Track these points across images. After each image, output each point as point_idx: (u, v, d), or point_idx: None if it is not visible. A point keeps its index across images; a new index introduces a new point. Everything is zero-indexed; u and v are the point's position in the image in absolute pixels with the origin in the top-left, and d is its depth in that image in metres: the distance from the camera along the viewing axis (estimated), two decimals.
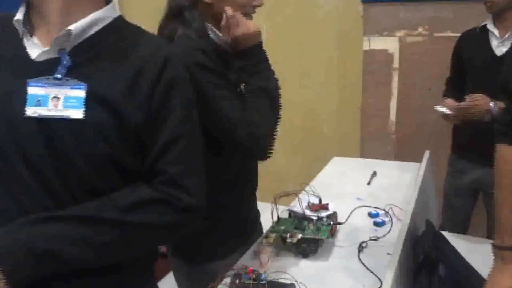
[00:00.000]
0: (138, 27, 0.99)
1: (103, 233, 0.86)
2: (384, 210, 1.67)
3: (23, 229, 0.84)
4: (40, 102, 0.86)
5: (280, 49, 2.96)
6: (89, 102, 0.86)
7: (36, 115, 0.85)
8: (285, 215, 1.54)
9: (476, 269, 1.42)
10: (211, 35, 1.30)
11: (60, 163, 0.87)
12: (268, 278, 1.15)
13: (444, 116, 2.11)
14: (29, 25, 0.91)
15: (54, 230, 0.84)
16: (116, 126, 0.88)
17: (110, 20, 0.95)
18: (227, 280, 1.19)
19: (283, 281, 1.16)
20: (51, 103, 0.86)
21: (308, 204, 1.68)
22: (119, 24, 0.96)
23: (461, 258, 1.53)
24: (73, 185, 0.88)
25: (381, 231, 1.55)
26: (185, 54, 1.14)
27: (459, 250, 1.49)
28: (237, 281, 1.15)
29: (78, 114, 0.86)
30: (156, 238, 0.97)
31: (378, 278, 1.26)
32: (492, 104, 1.89)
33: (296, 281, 1.17)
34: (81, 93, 0.86)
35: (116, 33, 0.94)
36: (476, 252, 1.68)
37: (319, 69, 3.07)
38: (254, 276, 1.14)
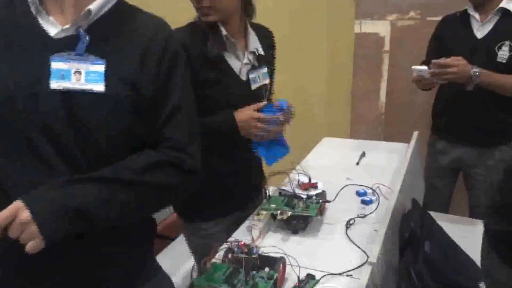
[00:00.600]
0: (137, 8, 1.05)
1: (123, 193, 0.92)
2: (371, 188, 1.72)
3: (54, 190, 0.88)
4: (63, 76, 0.90)
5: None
6: (107, 77, 0.92)
7: (60, 88, 0.89)
8: (276, 194, 1.59)
9: (474, 250, 1.47)
10: None
11: (81, 135, 0.91)
12: (260, 252, 1.20)
13: (418, 78, 2.04)
14: (42, 4, 0.94)
15: (82, 190, 0.89)
16: (132, 99, 0.94)
17: (115, 0, 1.00)
18: (221, 254, 1.24)
19: (273, 255, 1.21)
20: (73, 77, 0.90)
21: (298, 183, 1.74)
22: (122, 4, 1.02)
23: (446, 236, 1.58)
24: (91, 156, 0.93)
25: (368, 209, 1.60)
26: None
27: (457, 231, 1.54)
28: (229, 255, 1.19)
29: (99, 87, 0.91)
30: (166, 198, 1.04)
31: (365, 253, 1.31)
32: (474, 69, 1.92)
33: (286, 255, 1.21)
34: (101, 68, 0.91)
35: (122, 12, 1.00)
36: (458, 230, 1.75)
37: (310, 52, 3.09)
38: (246, 250, 1.18)
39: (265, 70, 1.60)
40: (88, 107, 0.91)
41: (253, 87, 1.55)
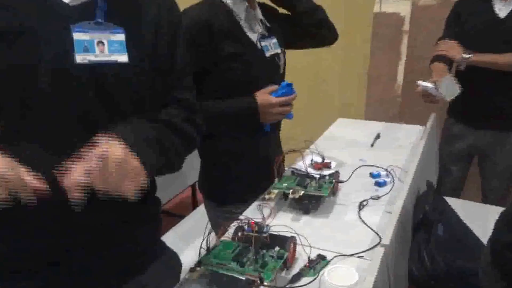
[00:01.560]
0: None
1: (173, 135, 0.98)
2: (386, 170, 1.70)
3: (126, 126, 0.87)
4: (88, 48, 0.84)
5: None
6: (128, 47, 0.89)
7: (86, 61, 0.84)
8: (288, 173, 1.57)
9: (485, 234, 1.44)
10: None
11: (108, 107, 0.88)
12: (270, 231, 1.18)
13: (424, 93, 1.99)
14: None
15: (149, 126, 0.93)
16: (152, 68, 0.93)
17: None
18: (231, 232, 1.22)
19: (284, 234, 1.19)
20: (97, 49, 0.85)
21: (311, 162, 1.71)
22: None
23: (459, 219, 1.56)
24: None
25: (382, 191, 1.57)
26: None
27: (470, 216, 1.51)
28: (239, 233, 1.18)
29: (123, 58, 0.88)
30: (191, 149, 1.10)
31: (378, 235, 1.29)
32: (465, 55, 1.89)
33: (297, 234, 1.20)
34: (122, 37, 0.88)
35: None
36: (471, 216, 1.71)
37: None
38: (256, 229, 1.16)
39: (275, 40, 1.60)
40: (114, 79, 0.87)
41: (267, 54, 1.55)
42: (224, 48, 1.44)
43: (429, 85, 1.90)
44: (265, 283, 0.99)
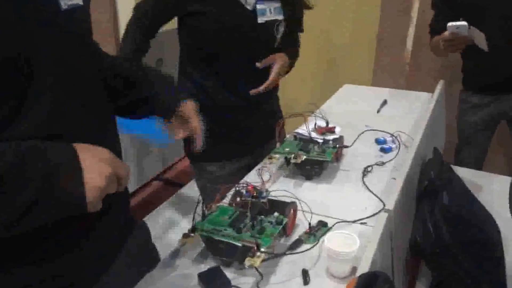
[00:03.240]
0: None
1: None
2: (392, 135, 1.64)
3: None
4: None
5: None
6: None
7: (66, 6, 0.75)
8: (290, 138, 1.52)
9: (490, 204, 1.39)
10: None
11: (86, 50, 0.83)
12: (270, 197, 1.14)
13: (453, 37, 1.82)
14: None
15: None
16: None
17: None
18: (229, 197, 1.18)
19: (284, 200, 1.15)
20: None
21: (315, 126, 1.66)
22: None
23: (465, 188, 1.51)
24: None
25: (387, 157, 1.53)
26: None
27: (475, 186, 1.46)
28: (237, 198, 1.14)
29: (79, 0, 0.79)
30: None
31: (381, 201, 1.25)
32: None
33: (298, 200, 1.16)
34: None
35: None
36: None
37: None
38: (255, 194, 1.12)
39: (278, 4, 1.50)
40: (84, 20, 0.83)
41: (260, 20, 1.46)
42: (193, 5, 1.40)
43: (461, 23, 1.77)
44: (262, 250, 0.95)
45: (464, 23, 1.75)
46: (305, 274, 0.98)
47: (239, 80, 1.52)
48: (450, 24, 1.78)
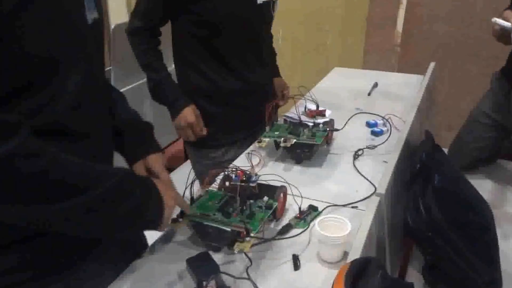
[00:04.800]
0: None
1: None
2: (384, 118, 1.62)
3: None
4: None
5: None
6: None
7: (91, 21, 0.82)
8: (280, 122, 1.49)
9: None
10: None
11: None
12: (259, 181, 1.11)
13: (500, 33, 1.63)
14: None
15: None
16: None
17: None
18: (218, 181, 1.16)
19: (274, 184, 1.12)
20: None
21: (305, 109, 1.63)
22: None
23: (456, 170, 1.51)
24: None
25: (378, 140, 1.51)
26: None
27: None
28: (226, 183, 1.11)
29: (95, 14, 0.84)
30: None
31: (372, 184, 1.23)
32: None
33: (288, 184, 1.13)
34: None
35: None
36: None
37: None
38: (244, 178, 1.10)
39: None
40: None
41: (259, 0, 1.44)
42: None
43: (506, 22, 1.71)
44: (252, 234, 0.93)
45: (508, 23, 1.66)
46: (295, 259, 0.96)
47: (238, 61, 1.51)
48: (494, 20, 1.69)
